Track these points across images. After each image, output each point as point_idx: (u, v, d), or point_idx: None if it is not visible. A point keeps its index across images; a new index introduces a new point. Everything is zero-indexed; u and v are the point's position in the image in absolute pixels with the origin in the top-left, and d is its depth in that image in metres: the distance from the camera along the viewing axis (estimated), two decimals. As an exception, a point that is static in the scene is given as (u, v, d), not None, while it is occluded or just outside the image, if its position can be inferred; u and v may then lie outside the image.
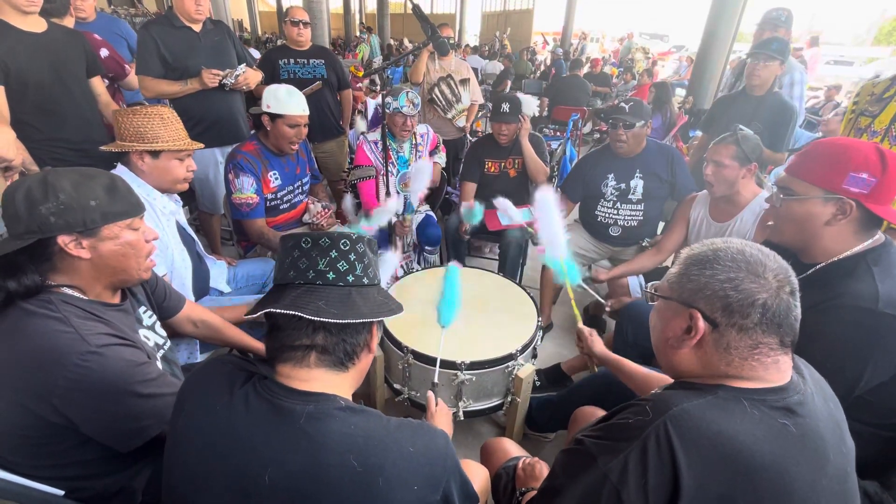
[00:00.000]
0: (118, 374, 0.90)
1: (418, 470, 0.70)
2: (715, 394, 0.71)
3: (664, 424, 0.67)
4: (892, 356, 1.02)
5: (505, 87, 7.64)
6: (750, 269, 0.71)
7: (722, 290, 0.72)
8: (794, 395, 0.71)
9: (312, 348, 0.73)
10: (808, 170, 1.13)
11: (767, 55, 2.39)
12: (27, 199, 0.90)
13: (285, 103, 2.03)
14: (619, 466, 0.68)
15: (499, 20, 22.52)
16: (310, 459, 0.66)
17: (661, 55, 16.66)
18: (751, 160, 1.82)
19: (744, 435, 0.65)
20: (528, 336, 1.68)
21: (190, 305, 1.41)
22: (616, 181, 2.32)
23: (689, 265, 0.77)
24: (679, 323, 0.77)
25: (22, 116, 1.84)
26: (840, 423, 0.76)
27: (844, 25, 26.73)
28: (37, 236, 0.90)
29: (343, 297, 0.75)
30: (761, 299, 0.70)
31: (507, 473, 1.18)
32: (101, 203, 0.96)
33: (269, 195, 2.17)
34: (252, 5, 23.45)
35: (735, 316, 0.71)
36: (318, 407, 0.70)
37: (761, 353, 0.71)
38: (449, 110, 3.52)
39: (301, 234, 0.78)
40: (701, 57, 5.65)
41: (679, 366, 0.79)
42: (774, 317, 0.70)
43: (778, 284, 0.71)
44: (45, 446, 0.91)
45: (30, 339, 0.87)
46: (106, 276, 1.00)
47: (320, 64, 3.01)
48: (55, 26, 2.01)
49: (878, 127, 1.79)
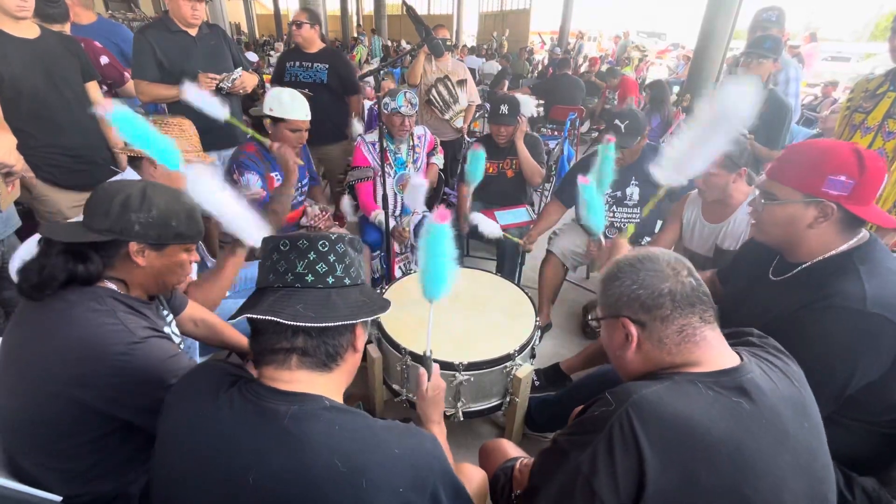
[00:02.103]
0: (157, 363, 0.96)
1: (404, 472, 0.70)
2: (671, 379, 0.77)
3: (626, 412, 0.72)
4: (882, 355, 1.03)
5: (503, 88, 7.65)
6: (646, 268, 0.82)
7: (632, 292, 0.81)
8: (746, 375, 0.76)
9: (293, 351, 0.74)
10: (787, 174, 1.14)
11: (760, 54, 2.40)
12: (124, 204, 0.99)
13: (289, 108, 2.04)
14: (589, 458, 0.72)
15: (496, 20, 22.54)
16: (293, 460, 0.66)
17: (659, 53, 16.66)
18: (739, 166, 1.81)
19: (699, 414, 0.70)
20: (526, 336, 1.68)
21: (192, 305, 1.43)
22: (612, 189, 2.31)
23: (605, 283, 0.88)
24: (619, 335, 0.85)
25: (17, 124, 1.84)
26: (803, 401, 0.80)
27: (842, 21, 26.76)
28: (115, 236, 0.98)
29: (322, 299, 0.75)
30: (666, 288, 0.79)
31: (504, 474, 1.17)
32: (179, 226, 1.06)
33: (270, 193, 2.17)
34: (249, 8, 23.46)
35: (653, 310, 0.80)
36: (302, 407, 0.70)
37: (687, 334, 0.79)
38: (446, 111, 3.52)
39: (280, 236, 0.77)
40: (698, 54, 5.65)
41: (634, 371, 0.86)
42: (683, 298, 0.79)
43: (674, 271, 0.80)
44: (73, 436, 0.95)
45: (77, 329, 0.92)
46: (149, 283, 1.08)
47: (323, 68, 2.99)
48: (48, 32, 2.00)
49: (872, 123, 1.80)
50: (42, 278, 0.93)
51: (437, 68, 3.45)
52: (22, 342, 0.97)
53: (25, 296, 0.95)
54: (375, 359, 1.74)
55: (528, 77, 9.75)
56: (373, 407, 1.88)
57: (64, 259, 0.95)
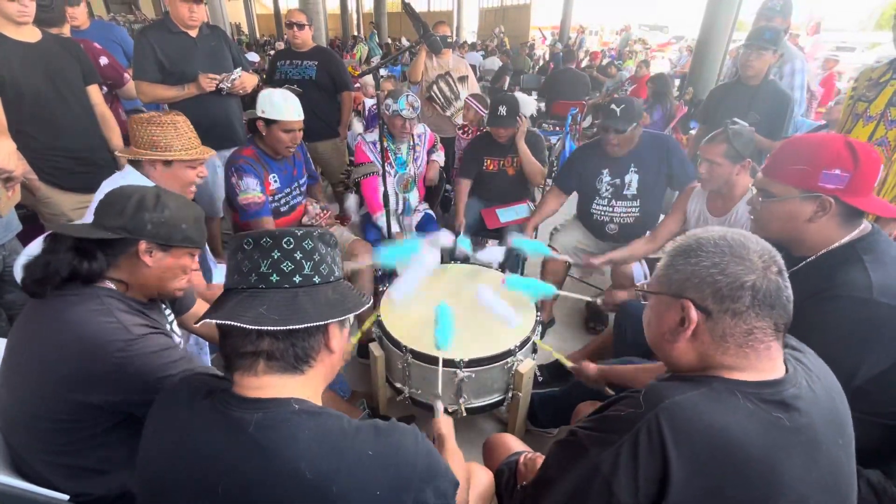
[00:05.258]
0: (155, 357, 0.98)
1: (379, 474, 0.67)
2: (709, 385, 0.70)
3: (656, 417, 0.67)
4: (888, 345, 1.02)
5: (503, 84, 7.62)
6: (734, 253, 0.71)
7: (709, 276, 0.71)
8: (790, 389, 0.70)
9: (259, 355, 0.70)
10: (782, 171, 1.14)
11: (760, 45, 2.38)
12: (138, 204, 1.02)
13: (280, 109, 2.04)
14: (611, 458, 0.69)
15: (496, 16, 22.45)
16: (260, 469, 0.64)
17: (661, 46, 16.55)
18: (743, 157, 1.79)
19: (735, 427, 0.65)
20: (528, 331, 1.68)
21: (200, 303, 1.44)
22: (610, 177, 2.30)
23: (674, 257, 0.77)
24: (672, 316, 0.76)
25: (19, 126, 1.85)
26: (841, 416, 0.75)
27: (847, 11, 26.44)
28: (127, 234, 1.01)
29: (288, 300, 0.71)
30: (749, 281, 0.70)
31: (509, 468, 1.18)
32: (188, 229, 1.09)
33: (268, 197, 2.18)
34: (249, 8, 23.48)
35: (726, 301, 0.70)
36: (267, 414, 0.68)
37: (755, 339, 0.71)
38: (448, 107, 3.51)
39: (244, 234, 0.74)
40: (700, 47, 5.61)
41: (678, 360, 0.79)
42: (766, 298, 0.70)
43: (764, 265, 0.71)
44: (75, 431, 0.97)
45: (75, 328, 0.94)
46: (150, 285, 1.10)
47: (312, 65, 3.02)
48: (49, 36, 2.01)
49: (874, 112, 1.78)
50: (46, 273, 0.96)
51: (438, 65, 3.44)
52: (25, 340, 0.99)
53: (28, 291, 0.97)
54: (378, 357, 1.74)
55: (528, 73, 9.71)
56: (376, 405, 1.89)
57: (70, 256, 0.97)
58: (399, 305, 1.80)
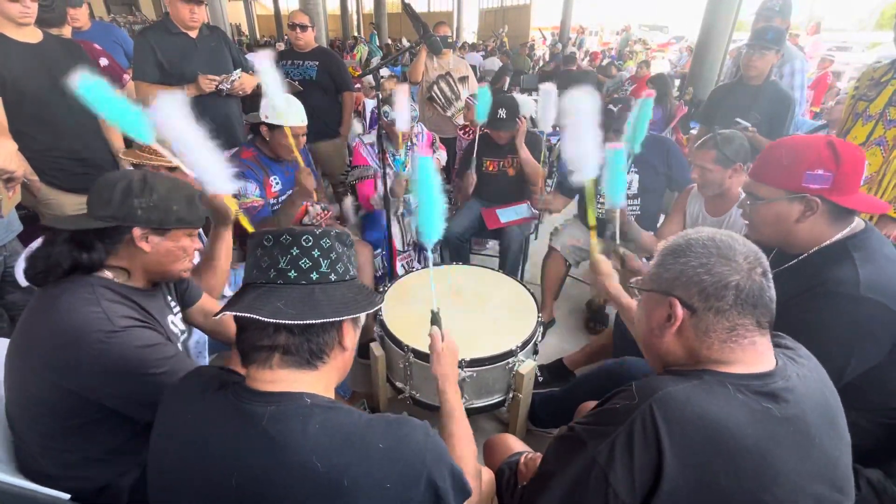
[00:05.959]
0: (136, 353, 0.98)
1: (390, 467, 0.68)
2: (701, 378, 0.73)
3: (650, 408, 0.70)
4: (877, 341, 1.03)
5: (503, 84, 7.62)
6: (721, 254, 0.75)
7: (696, 275, 0.75)
8: (779, 381, 0.73)
9: (275, 349, 0.72)
10: (767, 174, 1.16)
11: (763, 45, 2.37)
12: (125, 191, 1.01)
13: (283, 113, 2.04)
14: (607, 449, 0.71)
15: (496, 16, 22.47)
16: (273, 462, 0.66)
17: (661, 46, 16.54)
18: (734, 161, 1.79)
19: (726, 417, 0.68)
20: (529, 332, 1.68)
21: (206, 298, 1.44)
22: None
23: (665, 256, 0.81)
24: (661, 312, 0.80)
25: (20, 127, 1.85)
26: (833, 410, 0.77)
27: (846, 11, 26.46)
28: (118, 223, 1.01)
29: (304, 296, 0.73)
30: (734, 281, 0.73)
31: (509, 468, 1.18)
32: (180, 210, 1.08)
33: (271, 200, 2.18)
34: (250, 9, 23.51)
35: (711, 299, 0.74)
36: (280, 408, 0.69)
37: (738, 335, 0.74)
38: (448, 108, 3.52)
39: (265, 231, 0.76)
40: (700, 47, 5.61)
41: (664, 354, 0.83)
42: (748, 297, 0.73)
43: (749, 266, 0.74)
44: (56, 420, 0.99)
45: (63, 316, 0.95)
46: (153, 269, 1.10)
47: (313, 66, 3.03)
48: (51, 37, 2.02)
49: (874, 111, 1.78)
50: (48, 265, 0.98)
51: (438, 65, 3.45)
52: (26, 328, 1.01)
53: (32, 282, 0.99)
54: (378, 357, 1.74)
55: (529, 73, 9.71)
56: (377, 405, 1.89)
57: (69, 247, 0.99)
58: (399, 304, 1.80)
